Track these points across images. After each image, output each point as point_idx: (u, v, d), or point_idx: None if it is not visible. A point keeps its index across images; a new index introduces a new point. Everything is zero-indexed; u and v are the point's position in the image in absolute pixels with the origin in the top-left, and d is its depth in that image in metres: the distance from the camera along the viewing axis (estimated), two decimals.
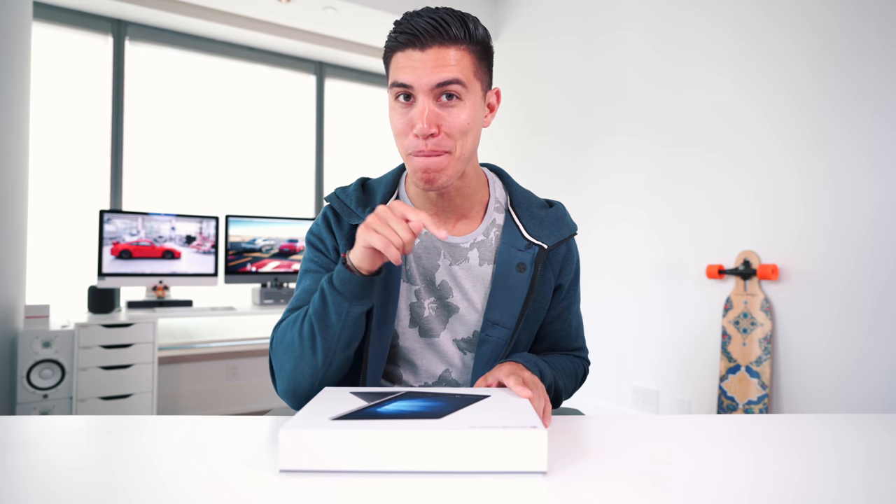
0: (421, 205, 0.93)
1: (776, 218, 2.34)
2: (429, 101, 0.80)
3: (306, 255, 0.95)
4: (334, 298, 0.78)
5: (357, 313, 0.80)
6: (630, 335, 2.92)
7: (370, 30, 3.57)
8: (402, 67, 0.80)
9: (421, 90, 0.79)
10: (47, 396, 2.34)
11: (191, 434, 0.70)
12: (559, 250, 0.96)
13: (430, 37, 0.79)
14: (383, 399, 0.70)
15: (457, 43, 0.80)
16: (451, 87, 0.80)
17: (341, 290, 0.78)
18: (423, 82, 0.79)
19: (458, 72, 0.80)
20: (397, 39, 0.80)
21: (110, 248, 2.76)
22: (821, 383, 2.19)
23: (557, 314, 0.99)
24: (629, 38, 2.94)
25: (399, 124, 0.83)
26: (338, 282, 0.79)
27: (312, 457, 0.56)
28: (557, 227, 0.94)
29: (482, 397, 0.71)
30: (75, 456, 0.62)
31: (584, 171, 3.18)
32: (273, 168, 3.70)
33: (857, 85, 2.10)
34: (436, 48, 0.79)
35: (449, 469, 0.55)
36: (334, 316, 0.79)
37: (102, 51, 3.17)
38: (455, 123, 0.81)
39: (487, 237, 0.93)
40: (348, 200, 0.92)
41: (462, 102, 0.81)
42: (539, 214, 0.95)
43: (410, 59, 0.79)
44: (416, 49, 0.79)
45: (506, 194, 0.98)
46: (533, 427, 0.56)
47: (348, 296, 0.78)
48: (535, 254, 0.90)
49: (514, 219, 0.94)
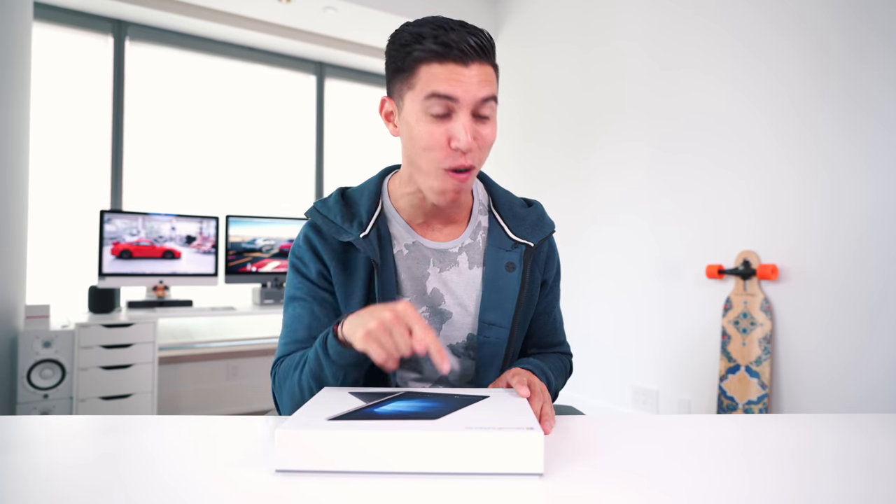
0: (410, 213, 0.92)
1: (775, 218, 2.34)
2: (468, 117, 0.80)
3: (291, 280, 0.92)
4: (328, 364, 0.78)
5: (353, 378, 0.79)
6: (630, 335, 2.92)
7: (370, 30, 3.57)
8: (446, 80, 0.78)
9: (465, 104, 0.79)
10: (48, 396, 2.34)
11: (190, 434, 0.71)
12: (542, 248, 0.98)
13: (475, 53, 0.79)
14: (381, 399, 0.70)
15: (490, 61, 0.82)
16: (489, 104, 0.81)
17: (335, 359, 0.77)
18: (468, 97, 0.78)
19: (495, 88, 0.82)
20: (435, 51, 0.78)
21: (110, 248, 2.77)
22: (820, 383, 2.19)
23: (543, 309, 1.01)
24: (628, 43, 2.94)
25: (434, 137, 0.80)
26: (333, 353, 0.77)
27: (309, 457, 0.56)
28: (539, 226, 0.95)
29: (480, 398, 0.71)
30: (76, 455, 0.62)
31: (584, 175, 3.18)
32: (273, 168, 3.71)
33: (854, 87, 2.10)
34: (478, 64, 0.79)
35: (445, 470, 0.55)
36: (331, 378, 0.79)
37: (103, 51, 3.17)
38: (488, 138, 0.82)
39: (475, 240, 0.94)
40: (332, 215, 0.89)
41: (492, 119, 0.83)
42: (521, 213, 0.96)
43: (453, 72, 0.78)
44: (458, 64, 0.78)
45: (487, 196, 0.99)
46: (530, 428, 0.56)
47: (342, 364, 0.77)
48: (524, 252, 0.92)
49: (497, 220, 0.95)
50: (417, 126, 0.81)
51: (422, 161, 0.82)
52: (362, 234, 0.87)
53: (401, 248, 0.91)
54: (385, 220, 0.92)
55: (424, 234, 0.93)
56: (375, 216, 0.89)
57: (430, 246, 0.92)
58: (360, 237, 0.86)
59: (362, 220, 0.88)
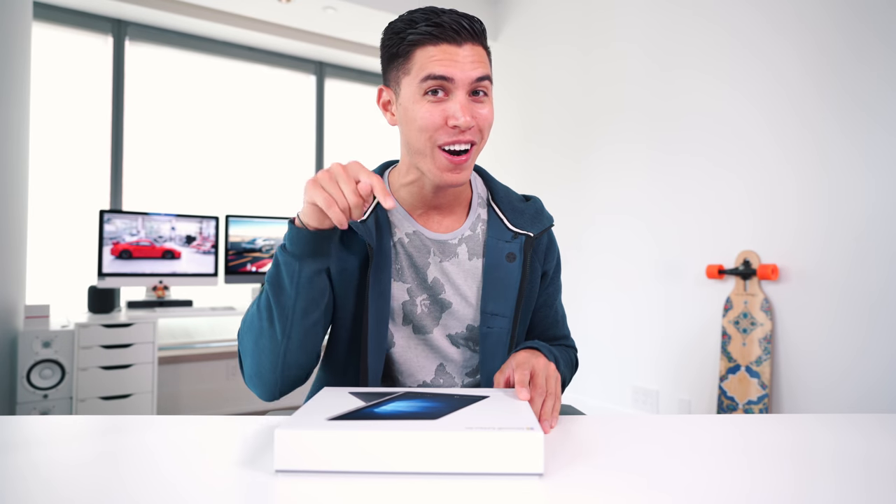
0: (410, 203, 0.93)
1: (775, 218, 2.34)
2: (465, 96, 0.81)
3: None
4: (285, 259, 0.77)
5: (308, 272, 0.77)
6: (630, 335, 2.92)
7: (370, 30, 3.57)
8: (440, 61, 0.80)
9: (460, 84, 0.81)
10: (47, 396, 2.34)
11: (190, 434, 0.71)
12: (542, 240, 0.99)
13: (467, 33, 0.81)
14: (381, 399, 0.70)
15: (483, 41, 0.84)
16: (485, 83, 0.83)
17: (290, 249, 0.76)
18: (464, 76, 0.80)
19: (489, 69, 0.84)
20: (430, 32, 0.80)
21: (110, 248, 2.77)
22: (821, 383, 2.19)
23: (544, 301, 1.02)
24: (627, 44, 2.94)
25: (431, 117, 0.81)
26: (287, 241, 0.77)
27: (308, 457, 0.56)
28: (538, 219, 0.96)
29: (480, 398, 0.71)
30: (75, 455, 0.62)
31: (583, 175, 3.18)
32: (273, 168, 3.71)
33: (854, 86, 2.10)
34: (470, 45, 0.82)
35: (445, 470, 0.55)
36: (287, 279, 0.77)
37: (102, 51, 3.17)
38: (486, 118, 0.84)
39: (474, 232, 0.95)
40: None
41: (488, 98, 0.84)
42: (519, 207, 0.98)
43: (447, 53, 0.80)
44: (451, 44, 0.80)
45: (486, 190, 1.00)
46: (530, 428, 0.56)
47: (298, 254, 0.76)
48: (523, 242, 0.93)
49: (496, 212, 0.96)
50: (415, 108, 0.82)
51: (420, 142, 0.83)
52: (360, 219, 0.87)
53: (401, 235, 0.92)
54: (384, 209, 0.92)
55: (425, 224, 0.94)
56: (374, 203, 0.91)
57: (431, 236, 0.93)
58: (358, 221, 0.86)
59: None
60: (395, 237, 0.92)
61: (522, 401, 0.70)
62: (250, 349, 0.81)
